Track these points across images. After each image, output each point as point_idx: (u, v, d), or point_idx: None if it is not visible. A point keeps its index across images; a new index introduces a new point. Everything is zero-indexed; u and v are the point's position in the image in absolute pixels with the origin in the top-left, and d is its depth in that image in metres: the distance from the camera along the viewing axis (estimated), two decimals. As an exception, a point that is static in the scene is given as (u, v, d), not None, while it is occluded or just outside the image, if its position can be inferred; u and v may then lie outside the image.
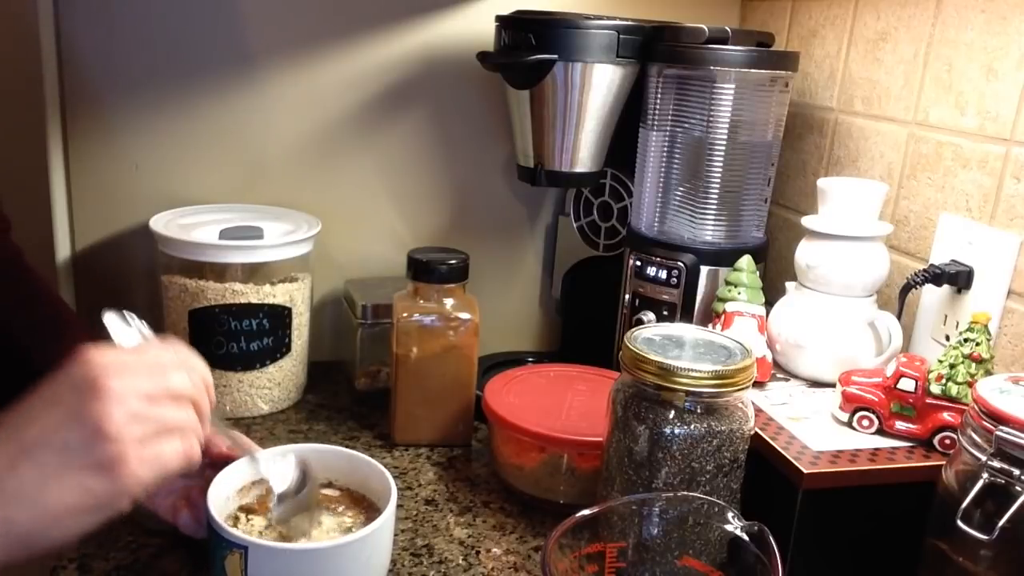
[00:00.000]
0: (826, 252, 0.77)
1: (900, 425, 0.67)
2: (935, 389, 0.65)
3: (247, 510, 0.64)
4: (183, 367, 0.53)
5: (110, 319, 0.57)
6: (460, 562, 0.68)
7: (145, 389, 0.49)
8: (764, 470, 0.64)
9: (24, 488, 0.46)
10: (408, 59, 0.99)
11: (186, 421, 0.52)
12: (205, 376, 0.55)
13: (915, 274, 0.76)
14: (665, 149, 0.88)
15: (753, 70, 0.83)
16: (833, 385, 0.72)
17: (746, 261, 0.81)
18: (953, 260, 0.77)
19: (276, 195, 0.99)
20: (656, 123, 0.88)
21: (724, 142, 0.84)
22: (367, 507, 0.66)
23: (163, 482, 0.52)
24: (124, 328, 0.57)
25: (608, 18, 0.87)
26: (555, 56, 0.85)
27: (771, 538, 0.52)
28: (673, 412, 0.60)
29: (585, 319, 1.05)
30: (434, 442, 0.87)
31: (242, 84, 0.96)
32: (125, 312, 0.57)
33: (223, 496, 0.62)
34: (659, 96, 0.87)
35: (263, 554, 0.55)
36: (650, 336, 0.65)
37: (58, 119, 0.90)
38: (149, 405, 0.49)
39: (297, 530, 0.62)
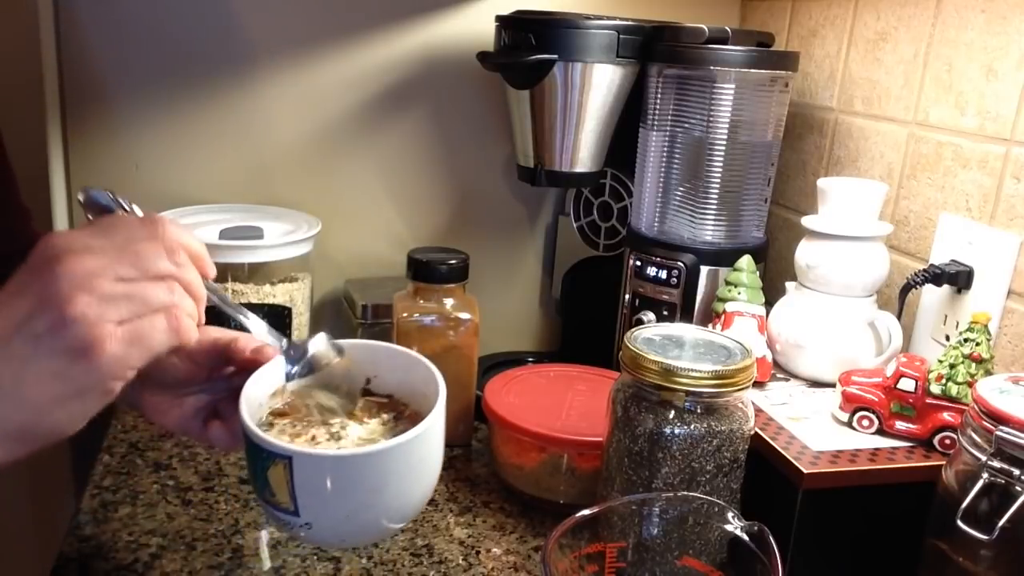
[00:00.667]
0: (826, 252, 0.77)
1: (900, 425, 0.67)
2: (935, 389, 0.65)
3: (279, 414, 0.61)
4: (162, 244, 0.49)
5: (87, 196, 0.53)
6: (460, 562, 0.68)
7: (117, 270, 0.46)
8: (764, 470, 0.64)
9: (2, 383, 0.45)
10: (408, 59, 0.99)
11: (171, 300, 0.48)
12: (193, 248, 0.51)
13: (915, 274, 0.76)
14: (665, 149, 0.88)
15: (753, 70, 0.83)
16: (833, 385, 0.72)
17: (746, 261, 0.81)
18: (953, 260, 0.77)
19: (276, 195, 0.99)
20: (656, 123, 0.88)
21: (724, 142, 0.84)
22: (411, 410, 0.62)
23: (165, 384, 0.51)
24: (102, 206, 0.53)
25: (608, 18, 0.87)
26: (555, 56, 0.85)
27: (771, 538, 0.52)
28: (673, 412, 0.60)
29: (585, 319, 1.05)
30: (434, 442, 0.87)
31: (242, 84, 0.96)
32: (102, 190, 0.54)
33: (256, 403, 0.58)
34: (659, 96, 0.87)
35: (308, 462, 0.52)
36: (650, 336, 0.65)
37: (58, 119, 0.90)
38: (124, 286, 0.47)
39: (321, 409, 0.60)
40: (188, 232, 0.51)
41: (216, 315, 0.56)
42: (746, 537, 0.54)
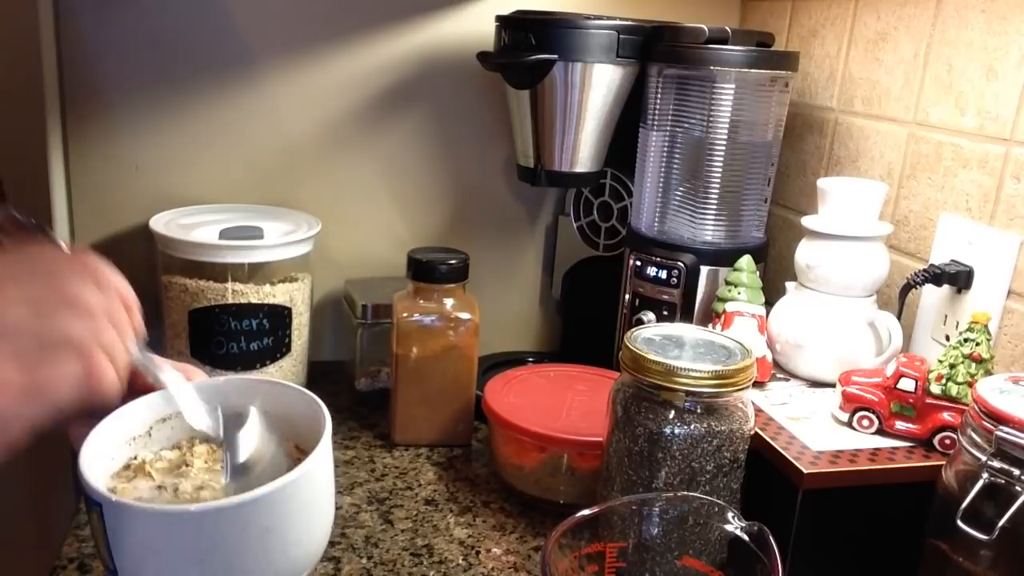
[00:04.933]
0: (826, 252, 0.77)
1: (900, 425, 0.67)
2: (935, 389, 0.65)
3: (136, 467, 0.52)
4: (87, 275, 0.40)
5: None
6: (460, 562, 0.68)
7: (25, 293, 0.37)
8: (764, 470, 0.64)
9: None
10: (408, 59, 0.99)
11: (84, 335, 0.38)
12: (124, 292, 0.42)
13: (915, 274, 0.76)
14: (665, 149, 0.88)
15: (753, 70, 0.83)
16: (833, 385, 0.72)
17: (746, 261, 0.81)
18: (953, 260, 0.77)
19: (276, 195, 0.99)
20: (656, 123, 0.88)
21: (724, 142, 0.84)
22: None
23: (65, 417, 0.39)
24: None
25: (608, 18, 0.87)
26: (555, 56, 0.85)
27: (771, 538, 0.52)
28: (673, 412, 0.60)
29: (585, 319, 1.05)
30: (434, 442, 0.87)
31: (242, 84, 0.96)
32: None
33: (114, 439, 0.50)
34: (659, 96, 0.87)
35: (119, 514, 0.43)
36: (650, 336, 0.65)
37: (58, 119, 0.90)
38: (30, 312, 0.37)
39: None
40: (122, 278, 0.43)
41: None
42: (746, 537, 0.54)
